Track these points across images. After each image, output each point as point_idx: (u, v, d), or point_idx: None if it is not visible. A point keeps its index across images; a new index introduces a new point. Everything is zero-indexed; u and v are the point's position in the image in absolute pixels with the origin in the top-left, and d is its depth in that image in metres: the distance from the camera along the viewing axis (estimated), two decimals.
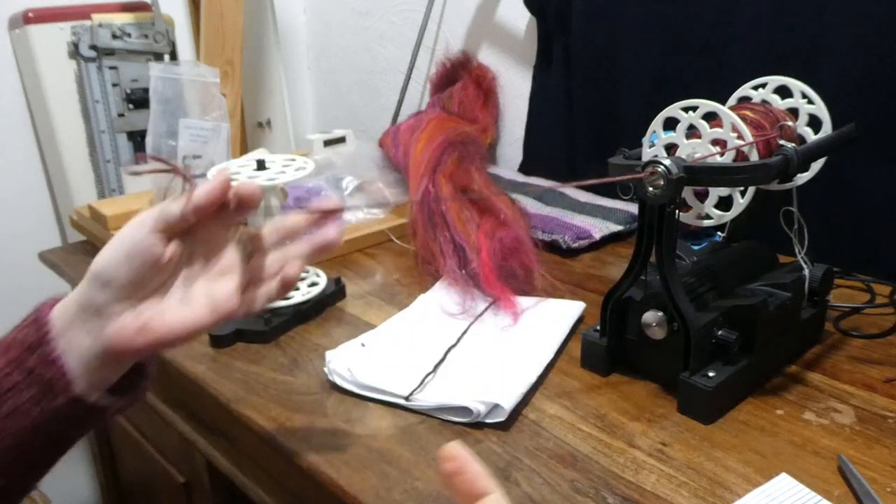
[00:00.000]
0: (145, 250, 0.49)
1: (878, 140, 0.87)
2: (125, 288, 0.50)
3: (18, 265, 1.39)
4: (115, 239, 0.50)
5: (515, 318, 0.82)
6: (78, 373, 0.49)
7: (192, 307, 0.52)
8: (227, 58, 1.13)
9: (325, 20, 1.73)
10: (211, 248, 0.54)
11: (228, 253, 0.54)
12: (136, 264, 0.49)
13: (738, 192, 0.68)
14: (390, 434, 0.66)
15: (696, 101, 0.67)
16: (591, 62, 1.17)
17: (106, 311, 0.50)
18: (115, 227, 1.09)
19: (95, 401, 0.50)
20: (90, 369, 0.50)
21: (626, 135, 1.12)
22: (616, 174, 0.70)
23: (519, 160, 1.36)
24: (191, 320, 0.51)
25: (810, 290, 0.75)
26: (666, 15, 1.05)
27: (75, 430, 0.52)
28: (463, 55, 1.39)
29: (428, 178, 1.05)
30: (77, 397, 0.49)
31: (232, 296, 0.53)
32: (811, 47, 0.92)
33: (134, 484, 1.24)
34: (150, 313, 0.50)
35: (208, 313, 0.52)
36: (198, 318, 0.52)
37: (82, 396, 0.49)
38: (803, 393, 0.69)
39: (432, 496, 0.58)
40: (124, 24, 1.33)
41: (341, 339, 0.80)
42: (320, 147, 1.29)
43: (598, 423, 0.66)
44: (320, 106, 1.85)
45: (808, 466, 0.59)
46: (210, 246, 0.54)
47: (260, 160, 0.86)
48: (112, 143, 1.38)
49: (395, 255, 1.06)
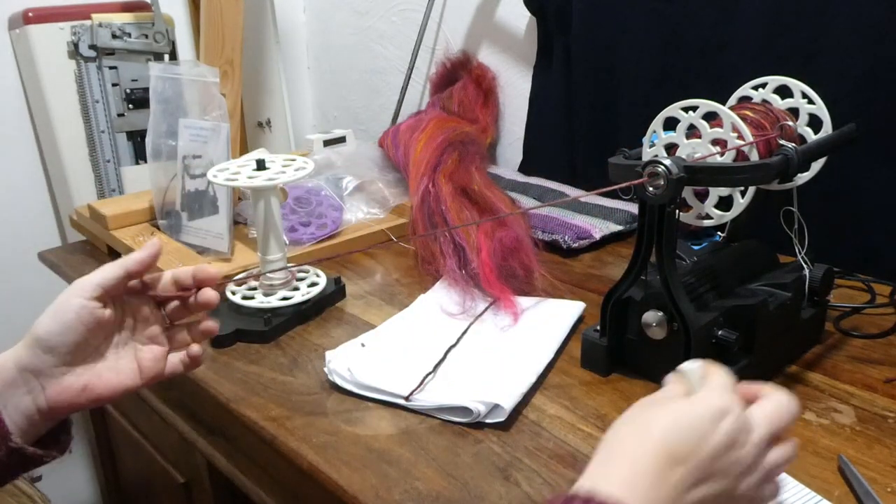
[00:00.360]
0: (88, 315, 0.54)
1: (878, 140, 0.87)
2: (69, 353, 0.54)
3: (18, 265, 1.39)
4: (57, 306, 0.55)
5: (515, 318, 0.82)
6: (14, 428, 0.53)
7: (125, 371, 0.58)
8: (227, 58, 1.13)
9: (325, 20, 1.73)
10: (138, 316, 0.60)
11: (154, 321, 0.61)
12: (80, 332, 0.54)
13: (738, 192, 0.68)
14: (390, 434, 0.66)
15: (696, 101, 0.67)
16: (591, 62, 1.17)
17: (47, 373, 0.54)
18: (114, 226, 1.09)
19: (31, 452, 0.54)
20: (28, 424, 0.54)
21: (626, 135, 1.12)
22: (616, 174, 0.70)
23: (519, 160, 1.36)
24: (123, 383, 0.58)
25: (810, 290, 0.75)
26: (666, 15, 1.05)
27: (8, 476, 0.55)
28: (463, 55, 1.39)
29: (428, 178, 1.05)
30: (16, 448, 0.53)
31: (157, 362, 0.60)
32: (811, 47, 0.92)
33: (134, 484, 1.24)
34: (88, 375, 0.56)
35: (137, 377, 0.59)
36: (130, 380, 0.58)
37: (21, 448, 0.53)
38: (803, 393, 0.69)
39: (432, 496, 0.58)
40: (124, 23, 1.33)
41: (341, 339, 0.80)
42: (320, 147, 1.29)
43: (598, 423, 0.66)
44: (320, 106, 1.85)
45: (808, 466, 0.59)
46: (137, 314, 0.60)
47: (260, 160, 0.86)
48: (112, 143, 1.38)
49: (395, 255, 1.06)
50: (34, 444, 0.55)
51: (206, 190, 1.03)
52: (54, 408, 0.54)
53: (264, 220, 0.84)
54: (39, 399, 0.54)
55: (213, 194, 1.02)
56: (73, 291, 0.55)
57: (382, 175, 1.19)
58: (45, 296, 0.56)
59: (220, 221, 1.01)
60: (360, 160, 1.23)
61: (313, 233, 1.05)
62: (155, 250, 0.58)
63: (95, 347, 0.57)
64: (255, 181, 0.83)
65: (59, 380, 0.54)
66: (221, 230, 1.01)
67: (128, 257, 0.57)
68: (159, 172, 1.08)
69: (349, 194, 1.15)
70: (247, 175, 0.84)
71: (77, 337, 0.54)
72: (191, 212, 1.05)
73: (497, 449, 0.63)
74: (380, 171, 1.21)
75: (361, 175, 1.18)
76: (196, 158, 1.03)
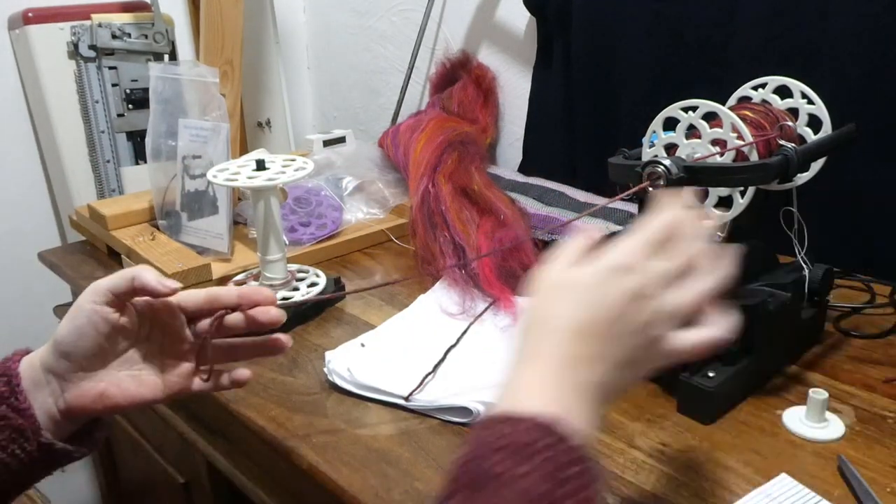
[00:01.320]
0: (101, 321, 0.53)
1: (878, 140, 0.87)
2: (84, 359, 0.54)
3: (18, 265, 1.39)
4: (73, 310, 0.54)
5: (515, 318, 0.82)
6: (43, 424, 0.53)
7: (147, 383, 0.57)
8: (226, 58, 1.13)
9: (325, 20, 1.73)
10: (169, 330, 0.57)
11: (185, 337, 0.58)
12: (94, 337, 0.53)
13: (738, 192, 0.68)
14: (390, 434, 0.66)
15: (696, 101, 0.67)
16: (591, 62, 1.17)
17: (65, 377, 0.54)
18: (114, 227, 1.09)
19: (61, 447, 0.54)
20: (53, 423, 0.54)
21: (625, 135, 1.12)
22: (616, 174, 0.70)
23: (519, 160, 1.36)
24: (144, 395, 0.56)
25: (810, 290, 0.74)
26: (666, 15, 1.05)
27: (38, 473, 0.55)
28: (463, 55, 1.39)
29: (428, 178, 1.05)
30: (46, 443, 0.53)
31: (183, 378, 0.58)
32: (811, 47, 0.92)
33: (134, 484, 1.24)
34: (107, 382, 0.55)
35: (160, 391, 0.57)
36: (151, 393, 0.57)
37: (50, 443, 0.53)
38: (803, 393, 0.69)
39: (432, 496, 0.58)
40: (124, 24, 1.33)
41: (341, 339, 0.80)
42: (320, 147, 1.29)
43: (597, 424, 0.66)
44: (320, 106, 1.85)
45: (808, 466, 0.59)
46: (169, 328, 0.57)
47: (260, 160, 0.86)
48: (112, 143, 1.38)
49: (395, 255, 1.06)
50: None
51: (205, 190, 1.03)
52: (73, 412, 0.54)
53: (264, 220, 0.84)
54: (59, 401, 0.54)
55: (213, 194, 1.02)
56: (86, 296, 0.54)
57: (382, 175, 1.19)
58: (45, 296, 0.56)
59: (220, 221, 1.01)
60: (360, 160, 1.23)
61: (313, 233, 1.05)
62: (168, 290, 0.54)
63: (118, 355, 0.56)
64: (255, 181, 0.83)
65: (77, 385, 0.54)
66: (221, 230, 1.01)
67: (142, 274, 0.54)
68: (159, 173, 1.08)
69: (349, 194, 1.15)
70: (247, 175, 0.84)
71: (91, 342, 0.53)
72: (191, 212, 1.05)
73: None
74: (380, 171, 1.21)
75: (361, 175, 1.18)
76: (196, 158, 1.03)
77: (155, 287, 0.53)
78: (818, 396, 0.63)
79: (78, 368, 0.54)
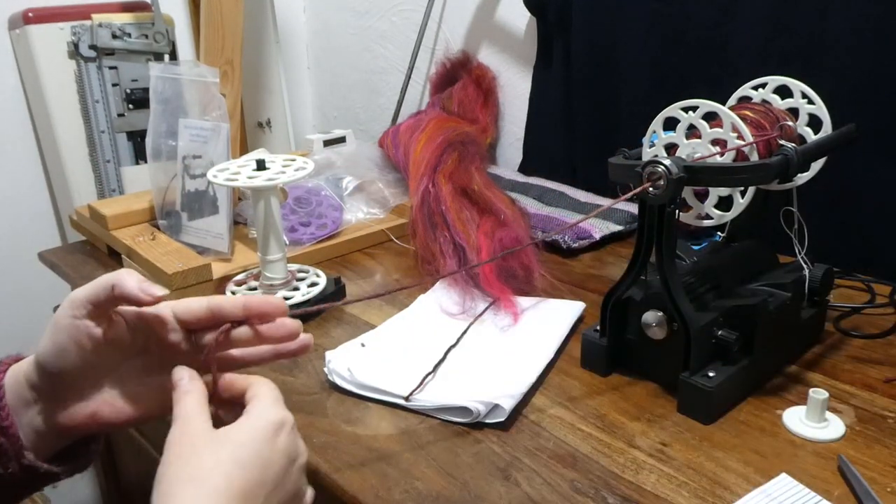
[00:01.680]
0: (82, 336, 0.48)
1: (878, 140, 0.87)
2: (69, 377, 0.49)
3: (18, 265, 1.39)
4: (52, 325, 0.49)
5: (515, 318, 0.82)
6: (29, 441, 0.49)
7: (145, 399, 0.52)
8: (226, 58, 1.13)
9: (325, 20, 1.73)
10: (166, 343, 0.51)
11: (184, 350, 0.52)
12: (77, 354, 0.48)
13: (738, 192, 0.68)
14: (390, 434, 0.66)
15: (696, 101, 0.67)
16: (591, 62, 1.17)
17: (53, 395, 0.49)
18: (114, 227, 1.09)
19: (46, 469, 0.50)
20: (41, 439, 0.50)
21: (625, 135, 1.12)
22: (616, 174, 0.70)
23: (519, 160, 1.36)
24: (140, 413, 0.52)
25: (810, 290, 0.75)
26: (666, 14, 1.05)
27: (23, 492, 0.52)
28: (463, 55, 1.39)
29: (428, 178, 1.05)
30: (29, 464, 0.49)
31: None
32: (811, 47, 0.92)
33: (134, 484, 1.24)
34: (100, 401, 0.50)
35: (158, 406, 0.51)
36: (148, 411, 0.52)
37: (33, 464, 0.49)
38: (803, 393, 0.69)
39: (432, 496, 0.58)
40: (124, 24, 1.33)
41: (341, 339, 0.80)
42: (320, 147, 1.29)
43: (598, 423, 0.66)
44: (320, 106, 1.85)
45: (808, 466, 0.59)
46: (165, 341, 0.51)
47: (260, 160, 0.86)
48: (112, 143, 1.38)
49: (395, 255, 1.06)
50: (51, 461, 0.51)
51: (206, 190, 1.03)
52: (64, 432, 0.50)
53: (264, 220, 0.84)
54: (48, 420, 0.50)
55: (213, 194, 1.02)
56: (64, 310, 0.48)
57: (382, 175, 1.19)
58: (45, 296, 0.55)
59: (220, 221, 1.01)
60: (360, 160, 1.23)
61: (313, 233, 1.06)
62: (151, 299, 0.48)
63: (112, 369, 0.51)
64: (255, 181, 0.83)
65: (64, 404, 0.49)
66: (221, 230, 1.01)
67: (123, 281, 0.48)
68: (159, 172, 1.08)
69: (349, 194, 1.15)
70: (247, 175, 0.84)
71: (74, 359, 0.48)
72: (191, 212, 1.05)
73: (497, 449, 0.63)
74: (380, 171, 1.21)
75: (361, 175, 1.18)
76: (196, 158, 1.03)
77: (137, 295, 0.47)
78: (818, 396, 0.63)
79: (65, 386, 0.49)
